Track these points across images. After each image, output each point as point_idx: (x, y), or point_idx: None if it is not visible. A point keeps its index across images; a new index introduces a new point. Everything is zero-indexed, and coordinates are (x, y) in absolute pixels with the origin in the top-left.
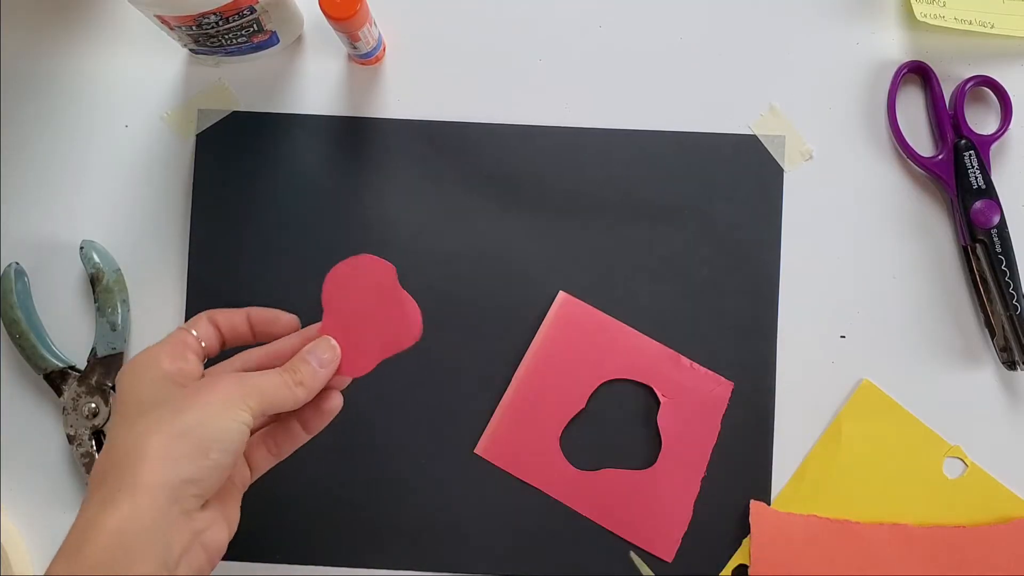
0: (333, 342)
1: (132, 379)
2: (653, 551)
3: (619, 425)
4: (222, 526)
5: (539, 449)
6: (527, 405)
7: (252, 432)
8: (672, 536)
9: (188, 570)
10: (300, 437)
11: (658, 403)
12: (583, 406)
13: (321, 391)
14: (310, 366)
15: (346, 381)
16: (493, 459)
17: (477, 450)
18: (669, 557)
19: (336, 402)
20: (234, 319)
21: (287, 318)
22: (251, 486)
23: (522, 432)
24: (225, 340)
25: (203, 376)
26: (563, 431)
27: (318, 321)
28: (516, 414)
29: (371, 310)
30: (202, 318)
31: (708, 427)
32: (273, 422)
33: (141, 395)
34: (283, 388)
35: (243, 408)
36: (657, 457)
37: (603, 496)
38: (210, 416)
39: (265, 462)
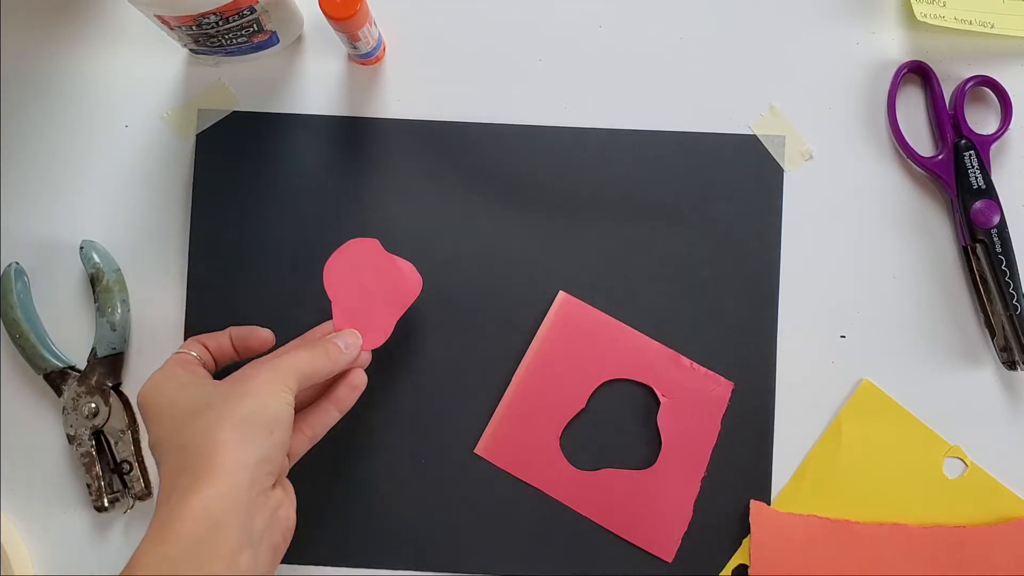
0: (357, 333)
1: (162, 393)
2: (653, 551)
3: (619, 425)
4: (289, 504)
5: (539, 449)
6: (527, 405)
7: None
8: (672, 536)
9: (268, 544)
10: (332, 416)
11: (658, 403)
12: (583, 406)
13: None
14: (336, 345)
15: (367, 359)
16: (493, 459)
17: (477, 450)
18: (669, 557)
19: (362, 378)
20: (219, 339)
21: (262, 331)
22: None
23: (522, 432)
24: (216, 360)
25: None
26: (563, 431)
27: (323, 317)
28: (516, 414)
29: (372, 284)
30: (192, 342)
31: (708, 427)
32: (305, 407)
33: (182, 401)
34: (315, 359)
35: (284, 389)
36: (657, 457)
37: (603, 496)
38: (263, 399)
39: (302, 445)
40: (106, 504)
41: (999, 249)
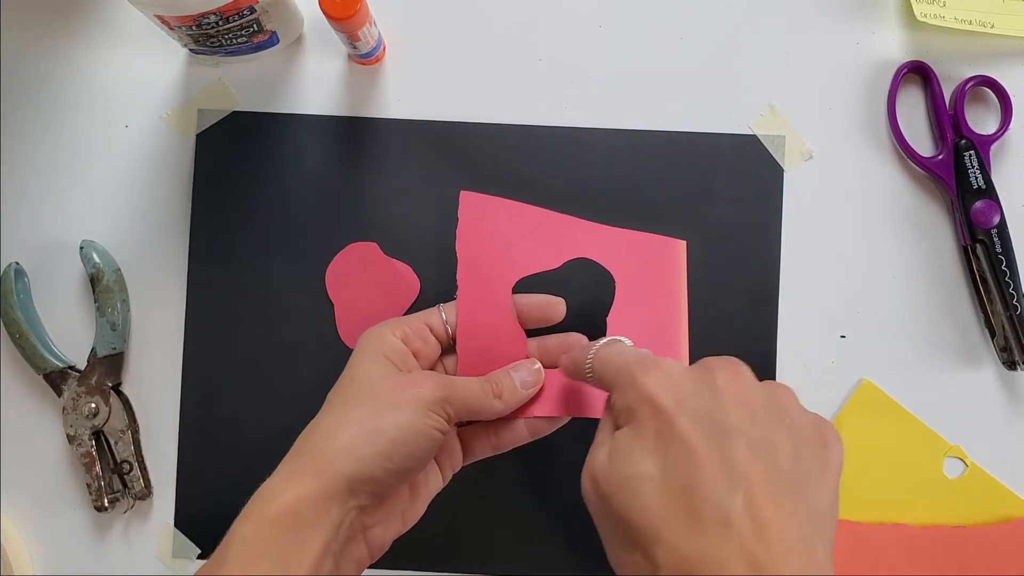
0: (538, 365)
1: (365, 348)
2: None
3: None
4: (392, 525)
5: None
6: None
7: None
8: None
9: (348, 558)
10: (522, 436)
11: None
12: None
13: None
14: (512, 382)
15: (542, 427)
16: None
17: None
18: None
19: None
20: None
21: (558, 306)
22: (247, 490)
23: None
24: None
25: (418, 368)
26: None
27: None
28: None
29: (372, 287)
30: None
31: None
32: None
33: (363, 369)
34: (484, 398)
35: (441, 414)
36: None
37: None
38: (407, 420)
39: (483, 451)
40: (106, 504)
41: (999, 249)
